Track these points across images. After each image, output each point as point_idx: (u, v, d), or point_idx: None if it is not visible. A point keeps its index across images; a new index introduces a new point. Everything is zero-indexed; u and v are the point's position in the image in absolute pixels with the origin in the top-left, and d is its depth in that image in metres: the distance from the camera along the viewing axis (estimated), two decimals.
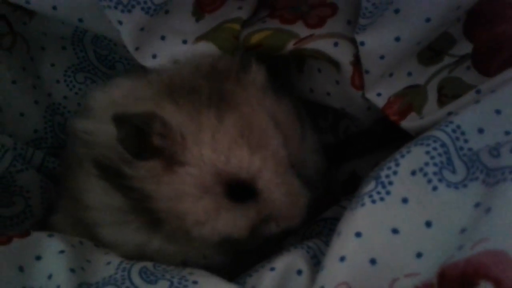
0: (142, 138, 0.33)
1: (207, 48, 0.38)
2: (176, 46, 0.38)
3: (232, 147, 0.33)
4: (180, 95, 0.35)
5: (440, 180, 0.30)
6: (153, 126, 0.33)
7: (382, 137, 0.46)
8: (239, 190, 0.34)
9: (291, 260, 0.33)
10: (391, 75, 0.39)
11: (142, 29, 0.36)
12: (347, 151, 0.49)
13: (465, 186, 0.29)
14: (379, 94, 0.39)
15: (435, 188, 0.30)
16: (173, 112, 0.34)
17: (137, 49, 0.38)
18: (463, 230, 0.27)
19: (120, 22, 0.35)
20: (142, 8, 0.35)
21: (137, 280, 0.32)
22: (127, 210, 0.35)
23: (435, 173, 0.30)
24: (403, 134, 0.38)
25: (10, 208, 0.44)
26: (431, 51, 0.39)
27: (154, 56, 0.38)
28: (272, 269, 0.33)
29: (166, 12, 0.38)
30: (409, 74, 0.39)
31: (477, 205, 0.28)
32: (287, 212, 0.35)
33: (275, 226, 0.36)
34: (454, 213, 0.28)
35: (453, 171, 0.30)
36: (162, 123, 0.33)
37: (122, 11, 0.35)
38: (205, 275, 0.34)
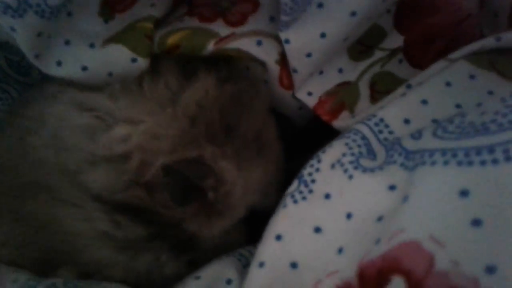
0: (189, 187, 0.31)
1: (117, 51, 0.35)
2: (82, 51, 0.34)
3: (267, 187, 0.36)
4: (218, 135, 0.33)
5: (355, 168, 0.28)
6: (207, 182, 0.32)
7: (320, 135, 0.44)
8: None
9: (219, 269, 0.31)
10: (321, 72, 0.37)
11: (39, 34, 0.32)
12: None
13: (381, 169, 0.27)
14: (309, 93, 0.37)
15: (351, 177, 0.28)
16: (221, 160, 0.33)
17: (37, 56, 0.33)
18: (380, 218, 0.26)
19: (13, 29, 0.31)
20: (36, 12, 0.31)
21: None
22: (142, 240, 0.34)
23: (351, 162, 0.29)
24: None
25: None
26: (362, 46, 0.37)
27: (59, 63, 0.34)
28: (198, 277, 0.31)
29: (69, 14, 0.34)
30: (340, 70, 0.37)
31: (392, 187, 0.26)
32: None
33: None
34: (370, 199, 0.27)
35: (373, 159, 0.29)
36: (217, 179, 0.32)
37: (13, 16, 0.31)
38: None
